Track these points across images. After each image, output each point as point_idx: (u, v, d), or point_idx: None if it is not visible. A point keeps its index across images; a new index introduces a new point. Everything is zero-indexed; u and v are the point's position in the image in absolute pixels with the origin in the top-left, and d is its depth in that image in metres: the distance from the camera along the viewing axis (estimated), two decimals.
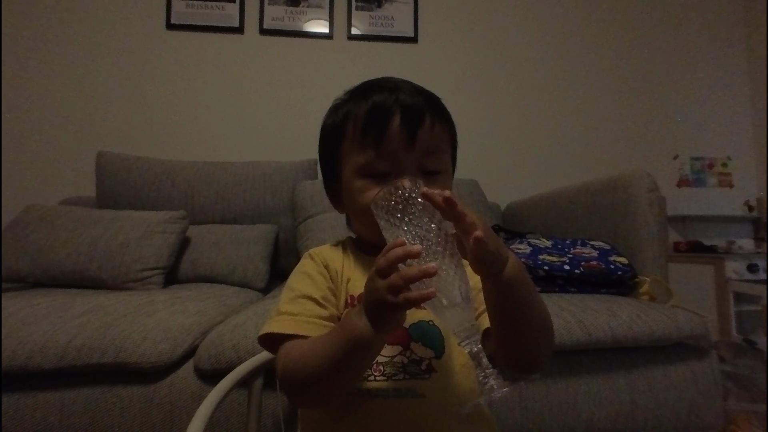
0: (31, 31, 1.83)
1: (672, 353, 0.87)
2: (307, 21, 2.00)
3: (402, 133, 0.43)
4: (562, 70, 2.17)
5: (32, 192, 1.72)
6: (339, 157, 0.47)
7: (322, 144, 0.51)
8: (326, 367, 0.35)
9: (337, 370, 0.35)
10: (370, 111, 0.44)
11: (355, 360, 0.35)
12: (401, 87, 0.46)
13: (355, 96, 0.47)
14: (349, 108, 0.46)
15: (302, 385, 0.37)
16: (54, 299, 0.89)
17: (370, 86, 0.47)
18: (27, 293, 1.04)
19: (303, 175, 1.60)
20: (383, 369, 0.42)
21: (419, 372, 0.42)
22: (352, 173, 0.45)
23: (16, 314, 0.79)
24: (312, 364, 0.36)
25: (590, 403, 0.81)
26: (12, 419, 0.70)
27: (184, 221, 1.33)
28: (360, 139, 0.44)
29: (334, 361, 0.35)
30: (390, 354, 0.42)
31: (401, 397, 0.41)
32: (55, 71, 1.84)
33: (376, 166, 0.43)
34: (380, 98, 0.44)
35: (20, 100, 1.80)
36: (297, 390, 0.38)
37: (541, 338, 0.39)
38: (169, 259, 1.24)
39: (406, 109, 0.43)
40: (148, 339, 0.74)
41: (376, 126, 0.43)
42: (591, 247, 1.05)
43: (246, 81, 1.95)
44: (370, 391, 0.41)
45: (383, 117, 0.43)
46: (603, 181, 1.19)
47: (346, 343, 0.34)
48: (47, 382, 0.72)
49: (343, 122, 0.46)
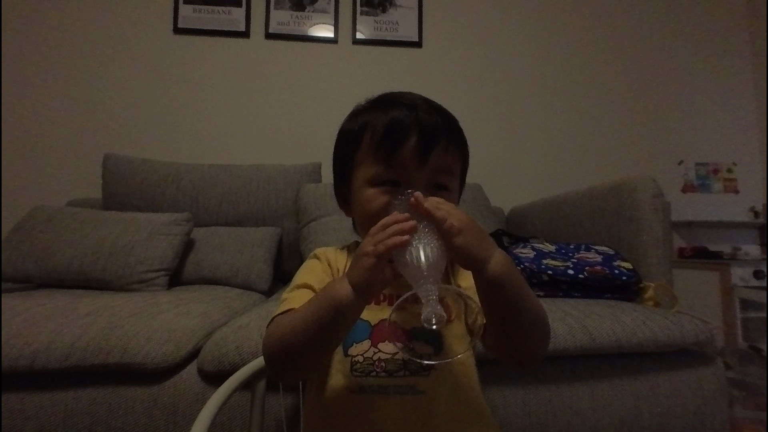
0: (39, 35, 1.85)
1: (677, 359, 0.86)
2: (312, 25, 2.02)
3: (416, 151, 0.44)
4: (566, 75, 2.17)
5: (40, 193, 1.74)
6: (352, 165, 0.49)
7: (337, 148, 0.52)
8: (304, 331, 0.37)
9: (313, 335, 0.37)
10: (388, 125, 0.45)
11: (331, 324, 0.36)
12: (420, 105, 0.47)
13: (375, 107, 0.49)
14: (368, 118, 0.48)
15: (281, 352, 0.39)
16: (59, 300, 0.90)
17: (391, 100, 0.48)
18: (33, 294, 1.04)
19: (307, 179, 1.61)
20: (385, 365, 0.43)
21: (420, 369, 0.43)
22: (363, 181, 0.46)
23: (22, 314, 0.79)
24: (291, 330, 0.38)
25: (594, 409, 0.80)
26: (17, 419, 0.70)
27: (189, 223, 1.34)
28: (375, 151, 0.45)
29: (312, 324, 0.37)
30: (391, 351, 0.43)
31: (402, 393, 0.42)
32: (63, 74, 1.86)
33: (387, 178, 0.45)
34: (399, 114, 0.45)
35: (29, 102, 1.82)
36: (276, 359, 0.40)
37: (535, 333, 0.40)
38: (174, 261, 1.25)
39: (423, 128, 0.44)
40: (153, 340, 0.75)
41: (392, 142, 0.44)
42: (595, 252, 1.05)
43: (251, 85, 1.97)
44: (372, 387, 0.42)
45: (400, 133, 0.44)
46: (607, 185, 1.19)
47: (326, 306, 0.36)
48: (52, 383, 0.73)
49: (360, 131, 0.48)
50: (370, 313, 0.45)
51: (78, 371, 0.72)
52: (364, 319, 0.45)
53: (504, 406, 0.78)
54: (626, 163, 2.15)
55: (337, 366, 0.44)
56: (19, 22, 1.84)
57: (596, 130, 2.17)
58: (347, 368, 0.43)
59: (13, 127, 1.80)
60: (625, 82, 2.22)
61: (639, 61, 2.24)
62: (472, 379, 0.47)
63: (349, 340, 0.44)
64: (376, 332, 0.45)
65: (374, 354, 0.43)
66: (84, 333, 0.74)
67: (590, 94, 2.18)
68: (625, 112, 2.20)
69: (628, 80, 2.22)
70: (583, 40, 2.20)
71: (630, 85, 2.22)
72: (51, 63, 1.85)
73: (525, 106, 2.13)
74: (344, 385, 0.43)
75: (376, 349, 0.43)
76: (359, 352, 0.44)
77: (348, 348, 0.44)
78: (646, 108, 2.22)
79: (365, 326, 0.45)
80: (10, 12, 1.83)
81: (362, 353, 0.43)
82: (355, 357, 0.43)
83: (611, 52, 2.22)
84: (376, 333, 0.45)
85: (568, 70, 2.18)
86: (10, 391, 0.71)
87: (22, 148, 1.80)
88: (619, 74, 2.22)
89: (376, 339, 0.44)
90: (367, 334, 0.44)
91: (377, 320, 0.45)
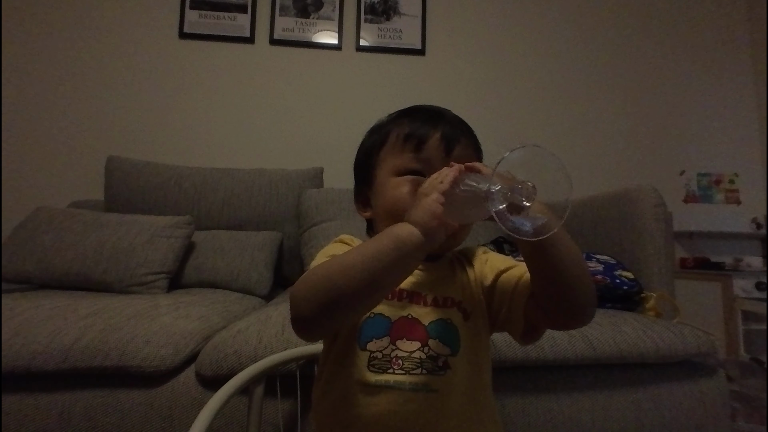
0: (46, 37, 1.87)
1: (678, 371, 0.85)
2: (316, 32, 2.04)
3: (441, 144, 0.47)
4: (568, 84, 2.18)
5: (43, 194, 1.74)
6: (376, 162, 0.51)
7: (361, 150, 0.55)
8: (361, 271, 0.35)
9: (372, 275, 0.35)
10: (414, 121, 0.49)
11: (393, 265, 0.36)
12: (445, 112, 0.52)
13: (401, 113, 0.53)
14: (393, 121, 0.52)
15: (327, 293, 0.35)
16: (59, 301, 0.90)
17: (417, 106, 0.53)
18: (33, 294, 1.04)
19: (309, 184, 1.61)
20: (402, 363, 0.43)
21: (435, 368, 0.43)
22: (389, 173, 0.49)
23: (21, 315, 0.79)
24: (342, 270, 0.35)
25: (595, 420, 0.79)
26: (13, 421, 0.70)
27: (190, 226, 1.34)
28: (402, 144, 0.49)
29: (371, 264, 0.35)
30: (409, 350, 0.43)
31: (416, 390, 0.42)
32: (68, 76, 1.87)
33: (413, 167, 0.47)
34: (425, 114, 0.50)
35: (35, 103, 1.84)
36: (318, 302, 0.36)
37: (587, 284, 0.40)
38: (174, 264, 1.25)
39: (447, 127, 0.49)
40: (151, 343, 0.74)
41: (419, 135, 0.48)
42: (596, 261, 1.05)
43: (255, 90, 1.98)
44: (388, 383, 0.42)
45: (426, 128, 0.48)
46: (609, 195, 1.19)
47: (390, 246, 0.35)
48: (49, 385, 0.72)
49: (386, 131, 0.51)
50: (390, 309, 0.45)
51: (76, 373, 0.72)
52: (385, 315, 0.45)
53: (504, 415, 0.77)
54: (628, 172, 2.15)
55: (353, 359, 0.43)
56: (26, 24, 1.86)
57: (598, 139, 2.17)
58: (364, 362, 0.43)
59: (19, 127, 1.81)
60: (628, 92, 2.23)
61: (641, 71, 2.25)
62: (485, 380, 0.47)
63: (368, 335, 0.44)
64: (395, 329, 0.44)
65: (392, 351, 0.43)
66: (83, 334, 0.74)
67: (593, 103, 2.19)
68: (627, 121, 2.21)
69: (631, 90, 2.23)
70: (585, 49, 2.22)
71: (632, 95, 2.23)
72: (57, 65, 1.87)
73: (526, 114, 2.14)
74: (359, 379, 0.43)
75: (394, 347, 0.43)
76: (378, 348, 0.43)
77: (366, 342, 0.44)
78: (648, 118, 2.23)
79: (385, 322, 0.45)
80: (17, 15, 1.86)
81: (381, 350, 0.43)
82: (374, 353, 0.43)
83: (614, 62, 2.23)
84: (395, 329, 0.44)
85: (570, 79, 2.19)
86: (7, 393, 0.71)
87: (26, 149, 1.81)
88: (622, 84, 2.22)
89: (394, 336, 0.44)
90: (386, 331, 0.44)
91: (397, 317, 0.45)
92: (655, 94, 2.25)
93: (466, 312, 0.47)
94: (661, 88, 2.26)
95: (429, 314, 0.45)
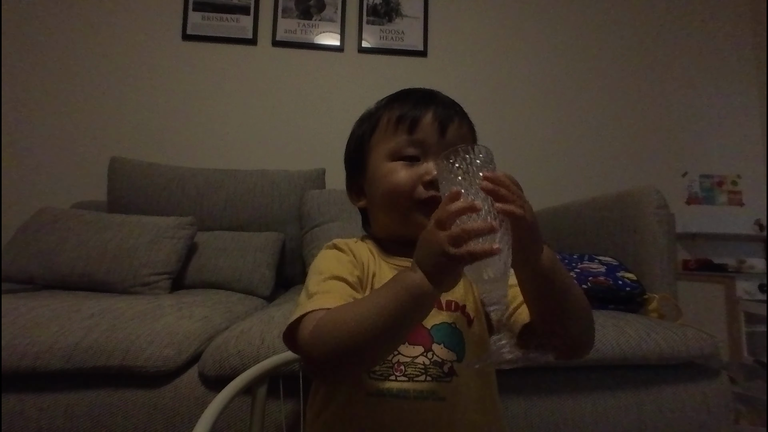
0: (49, 39, 1.88)
1: (681, 373, 0.85)
2: (318, 34, 2.04)
3: (434, 124, 0.46)
4: (570, 85, 2.18)
5: (46, 195, 1.75)
6: (368, 149, 0.50)
7: (351, 138, 0.54)
8: (373, 324, 0.33)
9: (387, 328, 0.33)
10: (406, 104, 0.48)
11: (409, 316, 0.34)
12: (436, 93, 0.51)
13: (390, 98, 0.51)
14: (384, 106, 0.50)
15: (339, 346, 0.34)
16: (63, 301, 0.90)
17: (407, 89, 0.51)
18: (36, 295, 1.04)
19: (311, 185, 1.61)
20: (404, 369, 0.41)
21: (441, 375, 0.41)
22: (382, 158, 0.47)
23: (25, 315, 0.80)
24: (356, 323, 0.34)
25: (597, 421, 0.79)
26: (18, 420, 0.70)
27: (193, 227, 1.34)
28: (394, 127, 0.47)
29: (384, 317, 0.33)
30: (411, 354, 0.41)
31: (423, 399, 0.40)
32: (72, 78, 1.88)
33: (407, 151, 0.46)
34: (417, 95, 0.49)
35: (38, 105, 1.85)
36: (330, 354, 0.34)
37: (586, 317, 0.40)
38: (177, 265, 1.25)
39: (439, 107, 0.47)
40: (155, 343, 0.75)
41: (411, 115, 0.47)
42: (599, 263, 1.04)
43: (258, 91, 1.99)
44: (392, 391, 0.40)
45: (419, 108, 0.47)
46: (611, 196, 1.19)
47: (403, 297, 0.33)
48: (53, 384, 0.73)
49: (376, 116, 0.50)
50: None
51: (79, 373, 0.72)
52: None
53: (506, 417, 0.77)
54: (630, 173, 2.15)
55: None
56: (30, 25, 1.87)
57: (600, 140, 2.17)
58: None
59: (23, 128, 1.82)
60: (630, 93, 2.22)
61: (644, 72, 2.24)
62: (493, 388, 0.46)
63: None
64: None
65: (393, 356, 0.41)
66: (87, 335, 0.74)
67: (595, 104, 2.19)
68: (629, 123, 2.20)
69: (633, 91, 2.23)
70: (588, 50, 2.21)
71: (635, 96, 2.23)
72: (61, 67, 1.88)
73: (529, 116, 2.14)
74: (359, 388, 0.40)
75: (395, 351, 0.41)
76: None
77: None
78: (651, 119, 2.23)
79: None
80: (20, 15, 1.87)
81: None
82: None
83: (616, 63, 2.23)
84: None
85: (572, 80, 2.19)
86: (11, 392, 0.71)
87: (30, 150, 1.82)
88: (624, 85, 2.22)
89: None
90: None
91: None
92: (657, 95, 2.24)
93: (470, 317, 0.45)
94: (664, 89, 2.25)
95: (432, 317, 0.43)
